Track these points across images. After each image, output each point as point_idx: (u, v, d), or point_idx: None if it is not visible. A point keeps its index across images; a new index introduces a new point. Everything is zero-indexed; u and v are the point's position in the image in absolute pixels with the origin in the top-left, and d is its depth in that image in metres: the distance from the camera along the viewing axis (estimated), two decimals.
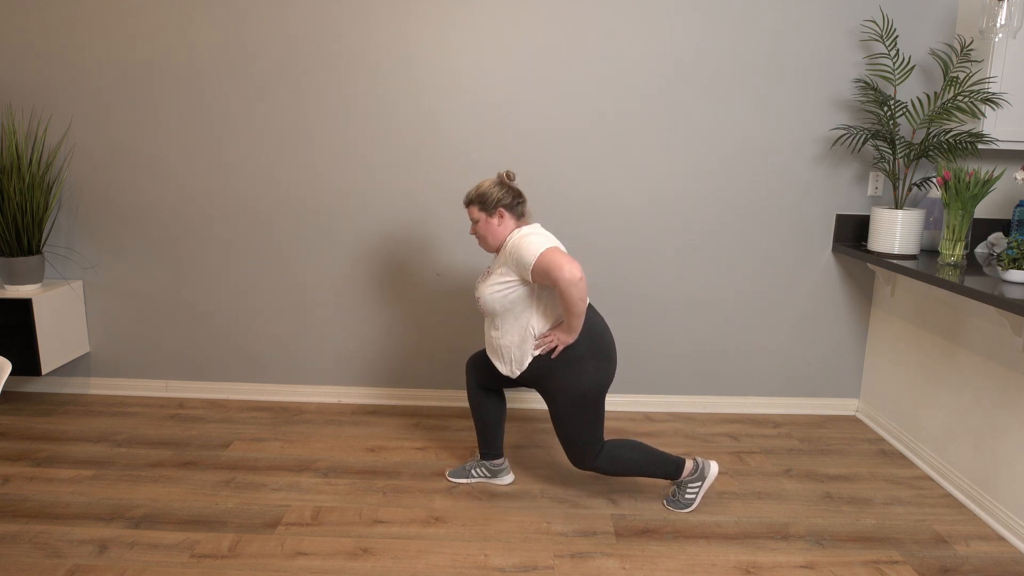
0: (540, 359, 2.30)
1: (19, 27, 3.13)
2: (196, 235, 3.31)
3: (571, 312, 2.16)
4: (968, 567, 2.23)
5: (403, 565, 2.17)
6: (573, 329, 2.21)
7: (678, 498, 2.51)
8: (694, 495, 2.50)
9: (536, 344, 2.29)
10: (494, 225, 2.32)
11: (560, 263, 2.09)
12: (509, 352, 2.34)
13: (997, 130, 2.80)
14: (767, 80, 3.12)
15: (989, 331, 2.52)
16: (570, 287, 2.10)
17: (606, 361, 2.30)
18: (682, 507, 2.51)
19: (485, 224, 2.32)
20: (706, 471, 2.48)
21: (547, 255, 2.13)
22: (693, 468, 2.47)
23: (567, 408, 2.30)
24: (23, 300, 3.04)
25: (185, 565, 2.14)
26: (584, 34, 3.08)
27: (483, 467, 2.68)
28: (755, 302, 3.34)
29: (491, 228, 2.32)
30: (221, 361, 3.44)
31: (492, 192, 2.30)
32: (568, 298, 2.12)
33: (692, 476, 2.47)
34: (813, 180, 3.22)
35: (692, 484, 2.49)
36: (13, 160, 3.03)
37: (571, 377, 2.27)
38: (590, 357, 2.27)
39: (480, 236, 2.36)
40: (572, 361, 2.27)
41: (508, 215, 2.32)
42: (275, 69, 3.13)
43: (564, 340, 2.24)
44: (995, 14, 2.51)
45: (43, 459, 2.79)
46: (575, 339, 2.25)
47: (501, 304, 2.28)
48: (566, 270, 2.09)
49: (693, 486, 2.49)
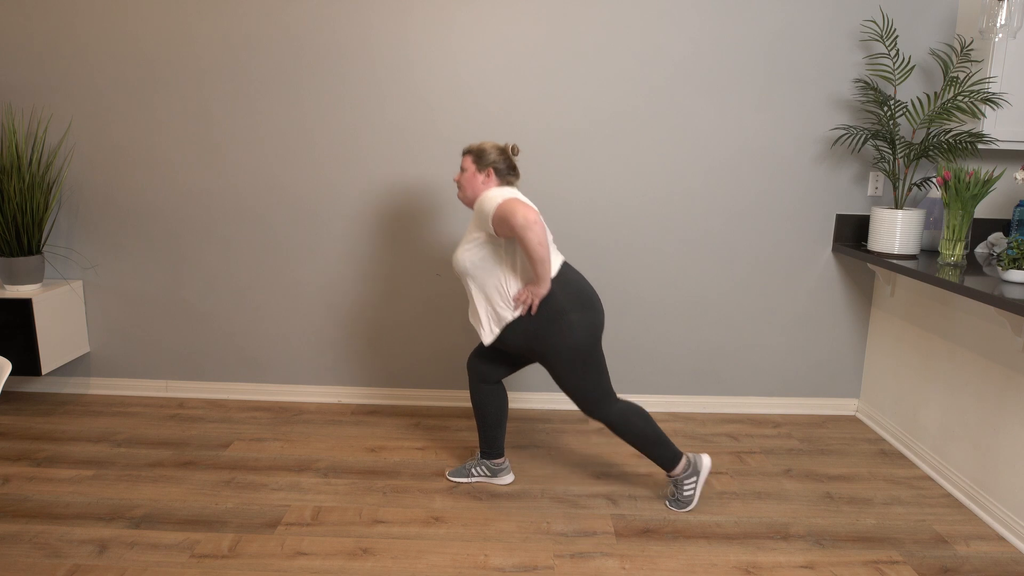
0: (522, 322, 2.31)
1: (19, 27, 3.13)
2: (196, 235, 3.31)
3: (533, 258, 2.18)
4: (968, 567, 2.23)
5: (403, 565, 2.17)
6: (542, 278, 2.22)
7: (677, 496, 2.52)
8: (692, 491, 2.51)
9: (514, 304, 2.31)
10: (477, 181, 2.36)
11: (514, 208, 2.13)
12: (486, 313, 2.36)
13: (997, 130, 2.80)
14: (767, 80, 3.12)
15: (989, 331, 2.53)
16: (525, 231, 2.12)
17: (591, 310, 2.32)
18: (683, 505, 2.52)
19: (471, 176, 2.37)
20: (699, 466, 2.51)
21: (504, 204, 2.17)
22: (686, 465, 2.49)
23: (565, 366, 2.32)
24: (23, 300, 3.04)
25: (185, 565, 2.14)
26: (584, 34, 3.08)
27: (483, 466, 2.68)
28: (755, 302, 3.34)
29: (473, 182, 2.37)
30: (221, 361, 3.44)
31: (491, 152, 2.36)
32: (526, 243, 2.14)
33: (686, 473, 2.49)
34: (813, 180, 3.22)
35: (688, 480, 2.50)
36: (13, 160, 3.03)
37: (557, 333, 2.28)
38: (571, 309, 2.29)
39: (460, 185, 2.41)
40: (554, 317, 2.28)
41: (494, 178, 2.37)
42: (275, 69, 3.13)
43: (537, 292, 2.25)
44: (995, 14, 2.51)
45: (43, 459, 2.79)
46: (548, 290, 2.26)
47: (471, 262, 2.31)
48: (519, 214, 2.12)
49: (689, 482, 2.50)
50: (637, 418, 2.41)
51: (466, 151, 2.41)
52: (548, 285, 2.25)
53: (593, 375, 2.35)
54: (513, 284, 2.31)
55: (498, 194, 2.25)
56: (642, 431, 2.41)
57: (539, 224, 2.14)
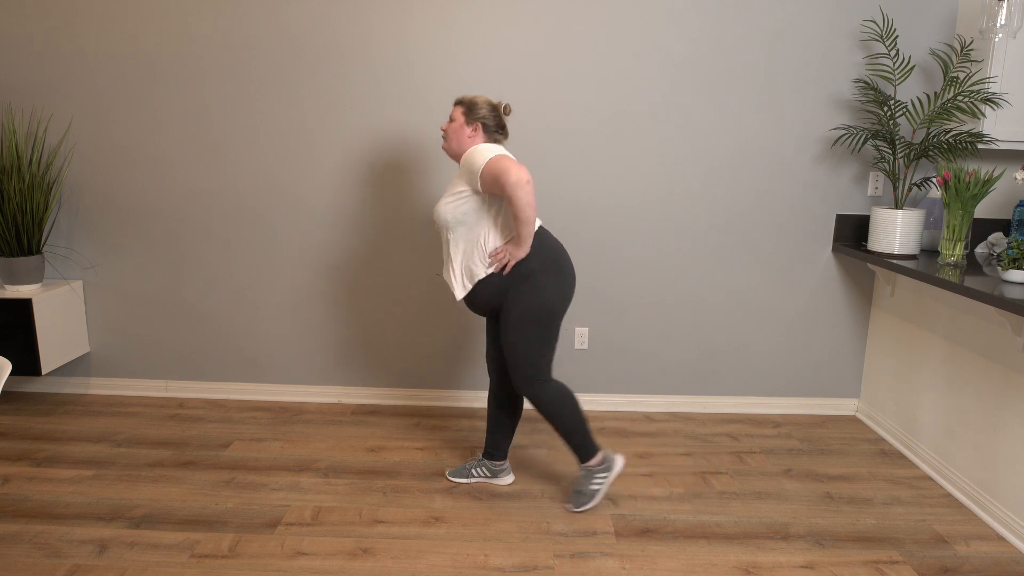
0: (493, 279, 2.30)
1: (19, 27, 3.13)
2: (196, 235, 3.31)
3: (520, 219, 2.16)
4: (968, 567, 2.23)
5: (403, 565, 2.17)
6: (523, 240, 2.21)
7: (582, 488, 2.49)
8: (599, 486, 2.49)
9: (489, 262, 2.29)
10: (465, 133, 2.34)
11: (507, 166, 2.11)
12: (461, 267, 2.34)
13: (997, 130, 2.80)
14: (767, 80, 3.12)
15: (989, 331, 2.53)
16: (516, 189, 2.11)
17: (563, 274, 2.31)
18: (586, 499, 2.48)
19: (458, 128, 2.34)
20: (612, 464, 2.50)
21: (495, 160, 2.15)
22: (602, 459, 2.50)
23: (520, 324, 2.29)
24: (23, 300, 3.04)
25: (185, 565, 2.14)
26: (584, 34, 3.08)
27: (484, 466, 2.68)
28: (755, 302, 3.34)
29: (460, 134, 2.34)
30: (221, 361, 3.44)
31: (483, 107, 2.34)
32: (516, 202, 2.13)
33: (601, 467, 2.49)
34: (813, 180, 3.22)
35: (599, 474, 2.49)
36: (13, 160, 3.03)
37: (528, 291, 2.28)
38: (543, 271, 2.28)
39: (446, 135, 2.37)
40: (527, 276, 2.28)
41: (481, 133, 2.35)
42: (275, 69, 3.13)
43: (515, 254, 2.24)
44: (995, 14, 2.50)
45: (43, 459, 2.79)
46: (526, 253, 2.25)
47: (453, 215, 2.29)
48: (512, 173, 2.10)
49: (600, 476, 2.49)
50: (569, 401, 2.40)
51: (458, 101, 2.37)
52: (528, 248, 2.24)
53: (541, 343, 2.33)
54: (492, 240, 2.29)
55: (488, 150, 2.22)
56: (570, 416, 2.41)
57: (531, 184, 2.13)
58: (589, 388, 3.43)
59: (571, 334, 3.37)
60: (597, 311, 3.34)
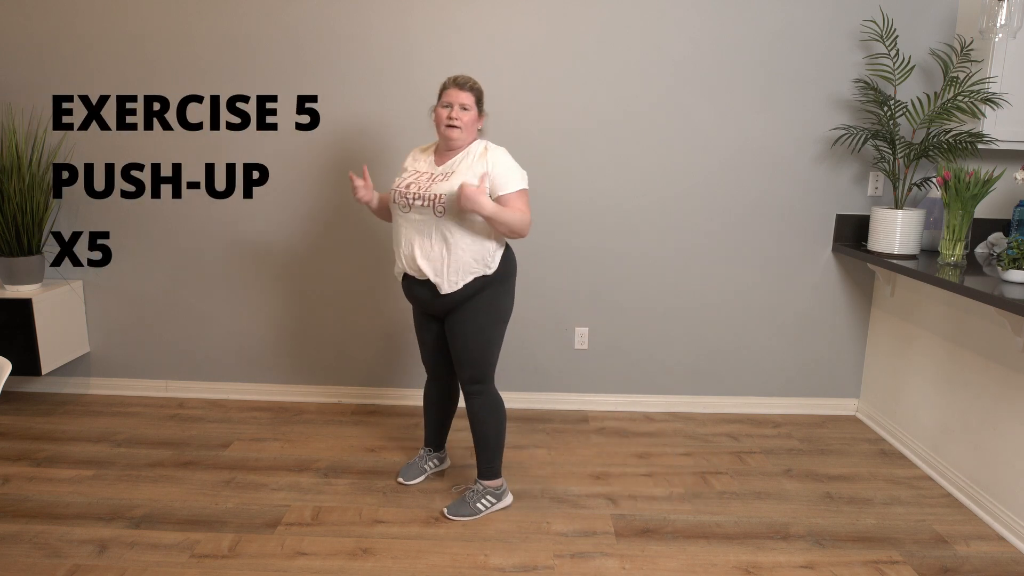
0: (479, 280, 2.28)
1: (19, 27, 3.13)
2: (196, 235, 3.30)
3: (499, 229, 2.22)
4: (968, 567, 2.23)
5: (403, 565, 2.17)
6: (497, 219, 2.16)
7: (470, 503, 2.45)
8: (485, 509, 2.46)
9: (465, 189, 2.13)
10: (475, 124, 2.31)
11: (527, 207, 2.29)
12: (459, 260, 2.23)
13: (997, 130, 2.80)
14: (767, 80, 3.12)
15: (989, 331, 2.53)
16: (522, 229, 2.25)
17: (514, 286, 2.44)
18: (468, 513, 2.44)
19: (473, 118, 2.27)
20: (504, 496, 2.52)
21: (525, 194, 2.29)
22: (500, 485, 2.51)
23: (493, 322, 2.34)
24: (23, 300, 3.04)
25: (185, 565, 2.14)
26: (584, 34, 3.08)
27: (435, 458, 2.74)
28: (755, 302, 3.34)
29: (473, 125, 2.29)
30: (221, 361, 3.44)
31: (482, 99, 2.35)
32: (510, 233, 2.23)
33: (499, 491, 2.49)
34: (813, 180, 3.22)
35: (491, 497, 2.48)
36: (13, 160, 3.03)
37: (502, 294, 2.35)
38: (508, 279, 2.37)
39: (464, 126, 2.24)
40: (504, 278, 2.35)
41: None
42: (275, 68, 3.13)
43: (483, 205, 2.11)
44: (995, 14, 2.50)
45: (43, 459, 2.79)
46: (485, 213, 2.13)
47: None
48: (528, 216, 2.27)
49: (490, 499, 2.47)
50: (503, 413, 2.45)
51: (469, 87, 2.25)
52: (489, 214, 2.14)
53: (499, 345, 2.41)
54: (493, 240, 2.29)
55: (518, 171, 2.27)
56: (498, 427, 2.44)
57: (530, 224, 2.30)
58: (589, 388, 3.43)
59: (571, 334, 3.37)
60: (597, 311, 3.34)
